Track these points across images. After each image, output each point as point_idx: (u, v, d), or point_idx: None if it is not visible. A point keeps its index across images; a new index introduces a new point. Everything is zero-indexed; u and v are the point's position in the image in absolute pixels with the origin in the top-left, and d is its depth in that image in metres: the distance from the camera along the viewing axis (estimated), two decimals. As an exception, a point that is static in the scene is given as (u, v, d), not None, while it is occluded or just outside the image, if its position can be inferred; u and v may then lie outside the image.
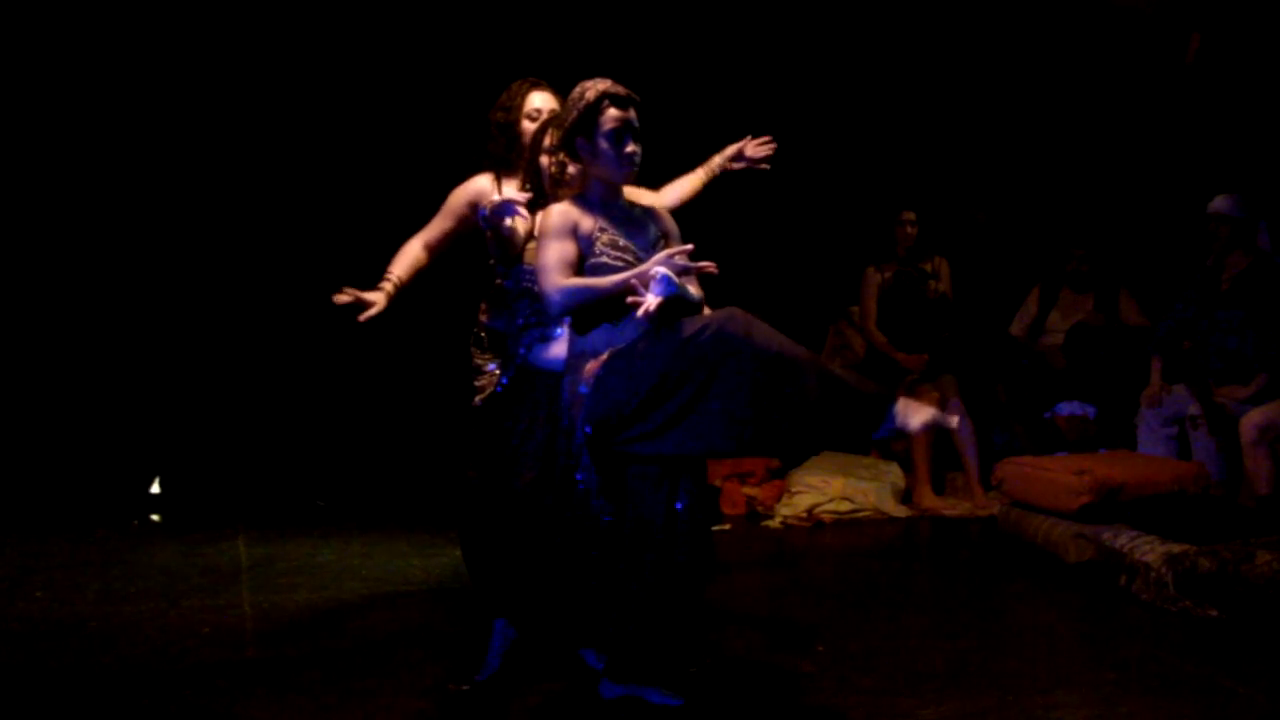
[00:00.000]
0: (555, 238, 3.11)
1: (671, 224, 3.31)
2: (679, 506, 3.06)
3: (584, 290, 3.04)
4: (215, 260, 6.55)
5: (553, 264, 3.08)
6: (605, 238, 3.12)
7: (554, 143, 3.26)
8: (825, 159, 7.26)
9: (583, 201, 3.19)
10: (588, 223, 3.13)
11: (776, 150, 3.86)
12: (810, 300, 7.22)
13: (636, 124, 3.13)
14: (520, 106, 3.58)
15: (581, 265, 3.11)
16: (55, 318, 6.40)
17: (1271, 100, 6.18)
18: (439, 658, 3.58)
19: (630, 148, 3.11)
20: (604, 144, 3.12)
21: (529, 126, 3.55)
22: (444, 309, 4.66)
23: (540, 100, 3.59)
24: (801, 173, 7.23)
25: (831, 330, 7.12)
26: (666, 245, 3.17)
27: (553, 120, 3.36)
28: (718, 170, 3.82)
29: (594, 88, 3.13)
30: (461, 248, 3.69)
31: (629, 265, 3.08)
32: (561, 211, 3.16)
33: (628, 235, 3.15)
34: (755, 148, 3.84)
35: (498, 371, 3.52)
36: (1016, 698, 3.23)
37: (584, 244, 3.12)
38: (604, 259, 3.09)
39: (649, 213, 3.27)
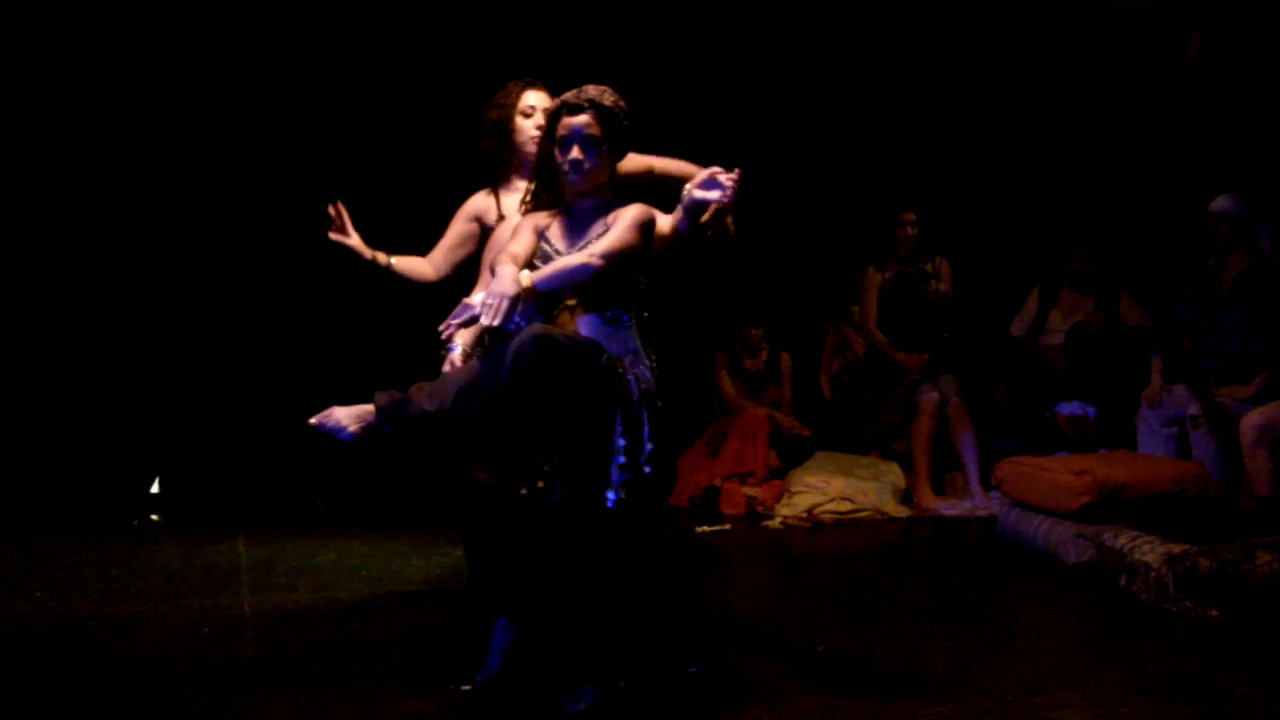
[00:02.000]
0: (517, 231, 3.18)
1: (623, 216, 3.09)
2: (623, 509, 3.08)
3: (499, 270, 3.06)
4: (215, 261, 6.56)
5: (508, 250, 3.13)
6: (544, 245, 3.17)
7: None
8: (826, 159, 7.27)
9: (560, 208, 3.24)
10: (542, 224, 3.20)
11: (776, 153, 3.86)
12: (810, 300, 7.23)
13: (591, 130, 3.08)
14: (514, 104, 3.60)
15: (532, 244, 3.16)
16: (56, 318, 6.40)
17: (1271, 100, 6.18)
18: (439, 658, 3.58)
19: (573, 154, 3.09)
20: (555, 150, 3.14)
21: (522, 123, 3.58)
22: (446, 308, 4.66)
23: (535, 99, 3.60)
24: (802, 173, 7.25)
25: (831, 330, 7.12)
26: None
27: None
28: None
29: (568, 94, 3.15)
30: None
31: None
32: (529, 215, 3.24)
33: (569, 240, 3.16)
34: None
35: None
36: (1016, 698, 3.23)
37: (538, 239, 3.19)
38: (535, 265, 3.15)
39: (606, 212, 3.15)
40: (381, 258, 3.67)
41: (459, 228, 3.72)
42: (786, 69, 7.11)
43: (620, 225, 3.08)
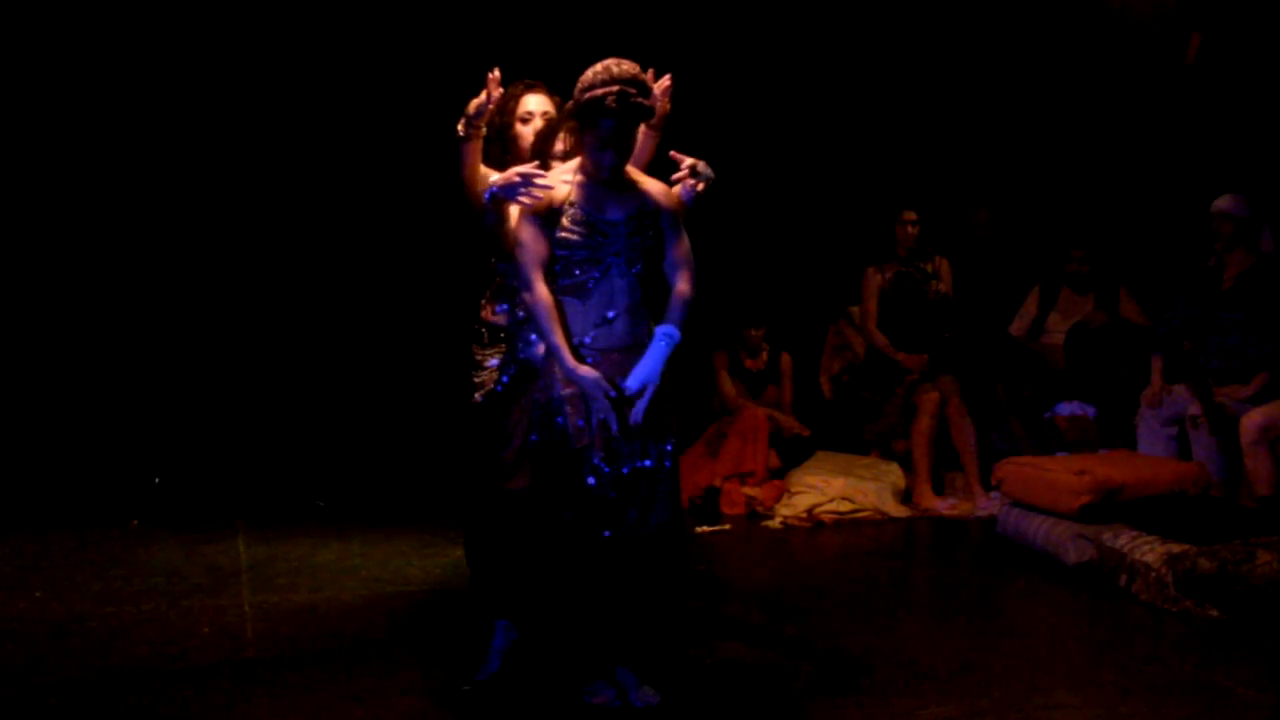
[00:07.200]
0: (526, 224, 3.20)
1: (664, 199, 3.27)
2: (671, 507, 3.16)
3: (543, 324, 3.16)
4: (215, 259, 6.56)
5: (529, 261, 3.17)
6: (574, 212, 3.17)
7: (566, 148, 3.32)
8: (826, 159, 7.27)
9: (570, 170, 3.24)
10: (561, 194, 3.19)
11: (777, 153, 3.83)
12: (810, 300, 7.22)
13: (624, 130, 3.12)
14: (514, 110, 3.57)
15: (549, 239, 3.18)
16: (56, 316, 6.40)
17: (1271, 100, 6.18)
18: (439, 658, 3.58)
19: (610, 161, 3.15)
20: (590, 142, 3.16)
21: (522, 130, 3.55)
22: (445, 304, 4.66)
23: (535, 103, 3.57)
24: (802, 173, 7.26)
25: (831, 330, 7.11)
26: (643, 222, 3.19)
27: (562, 122, 3.35)
28: None
29: (603, 89, 3.07)
30: (465, 244, 3.68)
31: (588, 240, 3.15)
32: (532, 208, 3.22)
33: (602, 209, 3.18)
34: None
35: (498, 367, 3.51)
36: (1016, 698, 3.23)
37: (553, 215, 3.18)
38: (564, 234, 3.16)
39: (638, 188, 3.25)
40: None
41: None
42: (787, 69, 7.11)
43: (683, 237, 3.27)
